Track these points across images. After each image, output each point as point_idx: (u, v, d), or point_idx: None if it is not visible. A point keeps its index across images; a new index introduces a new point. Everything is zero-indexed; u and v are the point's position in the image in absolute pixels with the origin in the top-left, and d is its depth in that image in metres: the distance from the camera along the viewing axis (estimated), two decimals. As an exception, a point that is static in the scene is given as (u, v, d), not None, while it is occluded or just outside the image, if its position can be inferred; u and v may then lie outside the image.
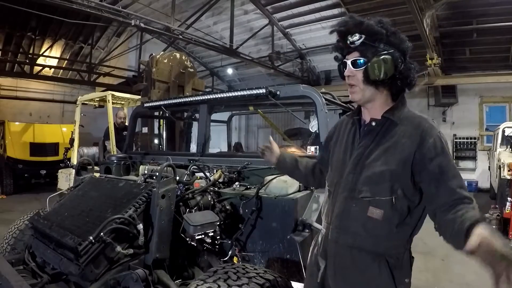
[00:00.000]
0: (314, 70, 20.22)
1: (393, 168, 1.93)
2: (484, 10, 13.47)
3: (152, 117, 6.98)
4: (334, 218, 2.10)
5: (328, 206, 2.21)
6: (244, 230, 3.25)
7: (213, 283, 2.35)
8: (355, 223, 2.01)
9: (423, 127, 1.95)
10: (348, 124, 2.29)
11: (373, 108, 2.10)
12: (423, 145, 1.90)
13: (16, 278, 2.79)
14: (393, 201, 1.92)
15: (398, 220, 1.94)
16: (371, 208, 1.96)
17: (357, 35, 1.97)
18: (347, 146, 2.19)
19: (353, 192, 2.03)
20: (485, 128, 17.31)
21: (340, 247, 2.06)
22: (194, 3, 15.14)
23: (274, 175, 3.34)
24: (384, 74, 1.94)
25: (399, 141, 1.96)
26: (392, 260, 1.97)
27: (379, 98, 2.06)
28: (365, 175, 2.01)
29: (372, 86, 2.01)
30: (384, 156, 1.98)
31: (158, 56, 7.00)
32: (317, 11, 15.65)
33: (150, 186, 3.07)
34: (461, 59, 16.39)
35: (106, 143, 9.09)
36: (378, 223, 1.95)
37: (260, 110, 6.27)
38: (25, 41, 17.62)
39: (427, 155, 1.89)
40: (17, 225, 4.29)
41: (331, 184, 2.23)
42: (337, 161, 2.23)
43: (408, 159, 1.92)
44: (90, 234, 2.62)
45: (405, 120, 2.01)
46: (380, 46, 1.96)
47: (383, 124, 2.05)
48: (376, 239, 1.97)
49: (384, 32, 1.96)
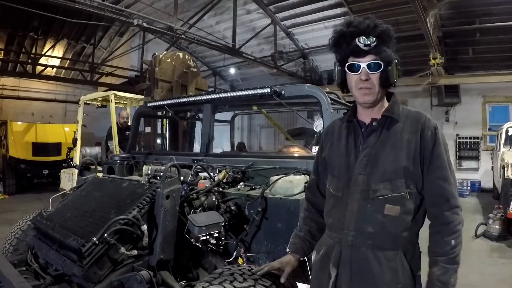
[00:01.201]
0: (317, 69, 20.17)
1: (405, 164, 1.96)
2: (487, 10, 13.44)
3: (155, 117, 6.95)
4: (347, 222, 2.04)
5: (335, 212, 2.15)
6: (249, 231, 3.22)
7: (218, 285, 2.31)
8: (372, 223, 1.99)
9: (422, 121, 2.02)
10: (342, 128, 2.26)
11: (375, 109, 2.11)
12: (423, 137, 1.98)
13: (19, 280, 2.77)
14: (408, 196, 1.96)
15: (413, 215, 1.98)
16: (388, 205, 1.96)
17: (373, 37, 1.93)
18: (349, 149, 2.15)
19: (367, 192, 2.00)
20: (488, 128, 17.27)
21: (357, 250, 2.01)
22: (196, 3, 15.14)
23: (279, 175, 3.31)
24: (397, 77, 2.03)
25: (402, 136, 2.01)
26: (408, 255, 2.01)
27: (381, 99, 2.09)
28: (378, 174, 2.00)
29: (385, 88, 2.05)
30: (393, 153, 1.99)
31: (161, 55, 6.98)
32: (320, 11, 15.63)
33: (154, 186, 3.03)
34: (464, 59, 16.33)
35: (108, 143, 9.07)
36: (395, 220, 1.96)
37: (264, 110, 6.24)
38: (27, 41, 17.65)
39: (427, 146, 1.97)
40: (20, 226, 4.26)
41: (336, 189, 2.17)
42: (340, 165, 2.17)
43: (416, 153, 1.97)
44: (93, 235, 2.59)
45: (403, 116, 2.07)
46: (388, 50, 1.98)
47: (384, 122, 2.07)
48: (394, 236, 1.97)
49: (392, 36, 2.00)
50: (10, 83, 18.82)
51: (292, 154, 4.85)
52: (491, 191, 14.87)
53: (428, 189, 1.98)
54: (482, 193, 15.98)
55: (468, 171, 17.19)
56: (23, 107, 19.57)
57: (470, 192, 15.67)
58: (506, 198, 8.93)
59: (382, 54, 1.96)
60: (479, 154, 17.46)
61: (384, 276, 1.95)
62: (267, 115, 7.02)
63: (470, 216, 10.97)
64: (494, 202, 11.93)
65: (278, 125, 7.85)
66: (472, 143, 17.59)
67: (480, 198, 14.65)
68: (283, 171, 3.45)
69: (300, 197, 3.06)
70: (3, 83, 18.57)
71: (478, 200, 14.09)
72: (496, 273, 6.30)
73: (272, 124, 7.77)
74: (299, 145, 6.09)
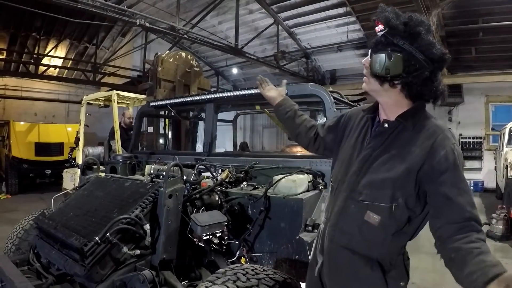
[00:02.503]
0: (319, 69, 20.12)
1: (395, 176, 1.86)
2: (489, 9, 13.38)
3: (158, 116, 6.95)
4: (332, 216, 2.08)
5: (329, 202, 2.18)
6: (252, 230, 3.21)
7: (222, 284, 2.30)
8: (351, 224, 1.98)
9: (436, 137, 1.84)
10: (362, 119, 2.18)
11: (387, 108, 2.00)
12: (433, 156, 1.80)
13: (21, 279, 2.77)
14: (392, 209, 1.86)
15: (395, 229, 1.90)
16: (369, 212, 1.91)
17: (381, 26, 1.86)
18: (357, 143, 2.11)
19: (354, 193, 1.99)
20: (491, 128, 17.22)
21: (334, 246, 2.04)
22: (199, 3, 15.17)
23: (282, 174, 3.30)
24: (384, 70, 1.84)
25: (408, 149, 1.87)
26: (385, 264, 1.94)
27: (389, 96, 1.94)
28: (367, 179, 1.95)
29: (376, 80, 1.92)
30: (390, 163, 1.91)
31: (164, 55, 6.98)
32: (322, 11, 15.60)
33: (157, 185, 3.03)
34: (467, 58, 16.27)
35: (111, 143, 9.06)
36: (374, 229, 1.90)
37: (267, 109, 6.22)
38: (30, 41, 17.68)
39: (437, 167, 1.79)
40: (22, 225, 4.26)
41: (335, 180, 2.18)
42: (344, 157, 2.16)
43: (413, 168, 1.83)
44: (96, 234, 2.58)
45: (420, 127, 1.90)
46: (400, 43, 1.81)
47: (395, 127, 1.95)
48: (370, 244, 1.94)
49: (403, 28, 1.80)
50: (13, 83, 18.86)
51: (295, 153, 4.84)
52: (494, 191, 14.83)
53: (454, 214, 1.78)
54: (485, 193, 15.94)
55: (471, 171, 17.12)
56: (26, 107, 19.63)
57: (473, 192, 15.58)
58: (509, 198, 8.91)
59: (385, 45, 1.86)
60: (482, 154, 17.43)
61: (357, 278, 1.97)
62: (270, 114, 6.99)
63: (473, 216, 10.93)
64: (497, 202, 11.86)
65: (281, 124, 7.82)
66: (475, 143, 17.55)
67: (483, 198, 14.60)
68: (286, 171, 3.44)
69: (303, 197, 3.05)
70: (5, 83, 18.61)
71: (481, 200, 14.03)
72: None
73: (275, 123, 7.75)
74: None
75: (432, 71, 1.85)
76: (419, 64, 1.81)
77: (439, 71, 1.90)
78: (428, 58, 1.82)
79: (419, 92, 1.89)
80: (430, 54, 1.81)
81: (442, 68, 1.91)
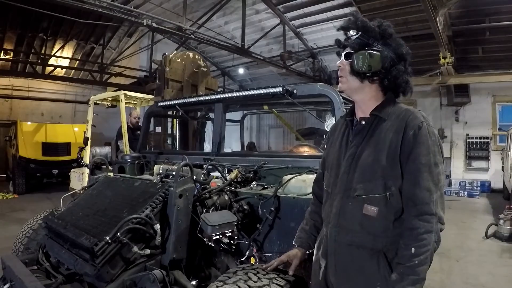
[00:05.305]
0: (326, 69, 20.14)
1: (383, 164, 1.97)
2: (496, 8, 13.33)
3: (166, 117, 6.95)
4: (332, 218, 2.15)
5: (327, 207, 2.24)
6: (261, 230, 3.20)
7: (233, 284, 2.30)
8: (352, 221, 2.06)
9: (406, 119, 1.99)
10: (342, 126, 2.35)
11: (363, 105, 2.16)
12: (404, 137, 1.95)
13: (30, 279, 2.78)
14: (387, 197, 1.96)
15: (394, 216, 1.97)
16: (366, 205, 2.00)
17: (354, 31, 2.09)
18: (341, 147, 2.24)
19: (348, 191, 2.09)
20: (498, 128, 17.11)
21: (339, 245, 2.11)
22: (205, 3, 15.19)
23: (291, 174, 3.29)
24: (367, 67, 2.02)
25: (386, 136, 2.01)
26: (390, 255, 1.98)
27: (366, 92, 2.12)
28: (358, 174, 2.06)
29: (357, 78, 2.09)
30: (374, 154, 2.02)
31: (171, 55, 6.97)
32: (329, 10, 15.63)
33: (167, 185, 3.03)
34: (474, 58, 16.21)
35: (119, 143, 9.07)
36: (374, 220, 1.99)
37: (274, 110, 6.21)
38: (36, 41, 17.75)
39: (407, 147, 1.94)
40: (31, 225, 4.27)
41: (328, 184, 2.28)
42: (332, 162, 2.29)
43: (395, 153, 1.96)
44: (106, 234, 2.58)
45: (393, 114, 2.06)
46: (374, 44, 2.05)
47: (372, 122, 2.11)
48: (373, 236, 2.00)
49: (378, 31, 2.05)
50: (20, 84, 18.95)
51: (304, 153, 4.83)
52: (501, 191, 14.77)
53: (402, 191, 1.95)
54: (492, 193, 15.88)
55: (478, 171, 17.10)
56: (33, 108, 19.73)
57: (480, 193, 15.59)
58: (517, 199, 8.88)
59: (361, 46, 2.06)
60: (489, 154, 17.32)
61: (363, 273, 2.01)
62: (278, 114, 6.99)
63: (480, 217, 10.94)
64: (504, 202, 11.84)
65: (289, 125, 7.83)
66: (482, 143, 17.44)
67: (490, 198, 14.56)
68: (295, 171, 3.43)
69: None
70: (13, 84, 18.70)
71: (488, 201, 14.00)
72: (507, 274, 6.23)
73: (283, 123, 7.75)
74: (309, 144, 6.05)
75: (404, 66, 2.10)
76: (393, 61, 2.05)
77: (407, 66, 2.12)
78: (398, 55, 2.07)
79: (393, 85, 2.10)
80: (400, 52, 2.08)
81: (408, 63, 2.12)
